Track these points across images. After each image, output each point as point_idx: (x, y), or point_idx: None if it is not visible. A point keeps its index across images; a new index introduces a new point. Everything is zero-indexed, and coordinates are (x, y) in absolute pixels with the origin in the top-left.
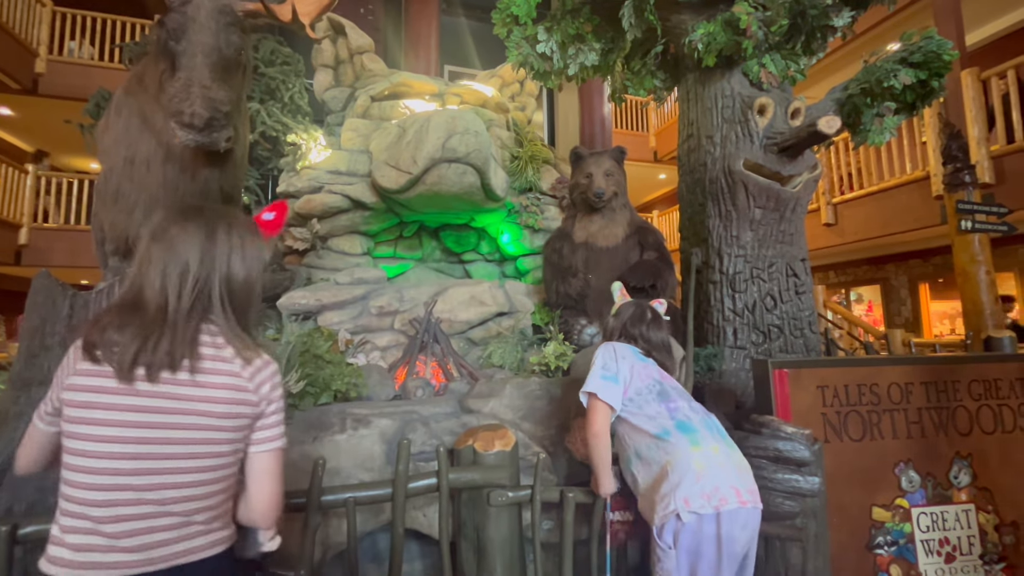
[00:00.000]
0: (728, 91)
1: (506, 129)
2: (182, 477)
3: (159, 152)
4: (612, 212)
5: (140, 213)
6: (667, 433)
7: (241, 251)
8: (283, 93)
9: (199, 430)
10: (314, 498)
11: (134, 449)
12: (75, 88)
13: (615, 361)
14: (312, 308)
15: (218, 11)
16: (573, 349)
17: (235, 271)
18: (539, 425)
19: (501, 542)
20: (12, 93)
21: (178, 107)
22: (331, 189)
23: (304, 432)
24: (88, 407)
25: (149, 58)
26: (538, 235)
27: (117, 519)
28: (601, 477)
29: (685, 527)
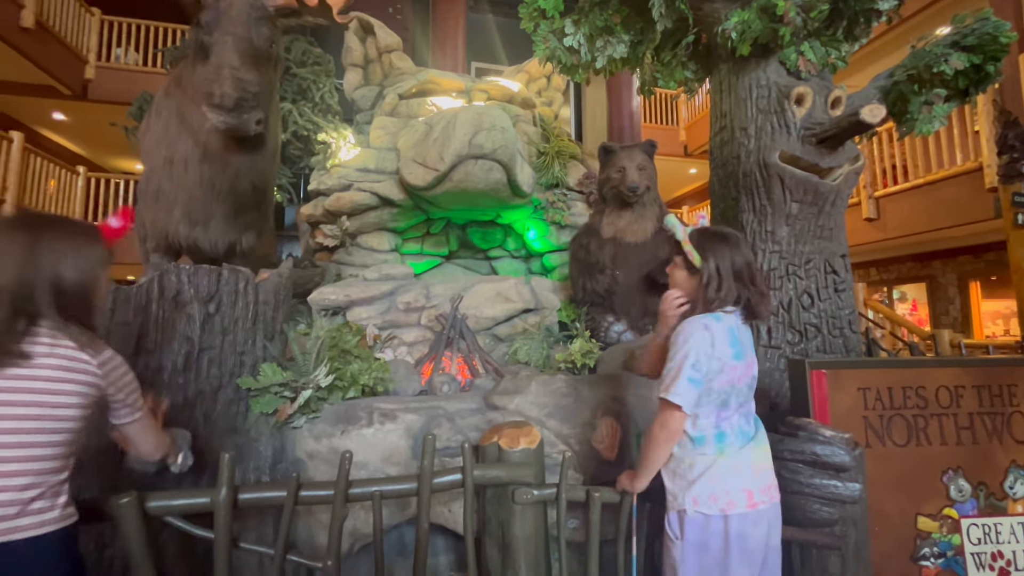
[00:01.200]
0: (763, 81)
1: (532, 125)
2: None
3: (196, 151)
4: (642, 207)
5: (179, 211)
6: (702, 440)
7: (73, 256)
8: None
9: (27, 419)
10: (341, 490)
11: None
12: (121, 93)
13: (709, 360)
14: (341, 304)
15: (249, 5)
16: (600, 346)
17: (65, 276)
18: (565, 423)
19: (526, 539)
20: (64, 99)
21: (208, 88)
22: (360, 187)
23: (332, 425)
24: None
25: (187, 61)
26: (564, 231)
27: None
28: (641, 476)
29: (691, 522)
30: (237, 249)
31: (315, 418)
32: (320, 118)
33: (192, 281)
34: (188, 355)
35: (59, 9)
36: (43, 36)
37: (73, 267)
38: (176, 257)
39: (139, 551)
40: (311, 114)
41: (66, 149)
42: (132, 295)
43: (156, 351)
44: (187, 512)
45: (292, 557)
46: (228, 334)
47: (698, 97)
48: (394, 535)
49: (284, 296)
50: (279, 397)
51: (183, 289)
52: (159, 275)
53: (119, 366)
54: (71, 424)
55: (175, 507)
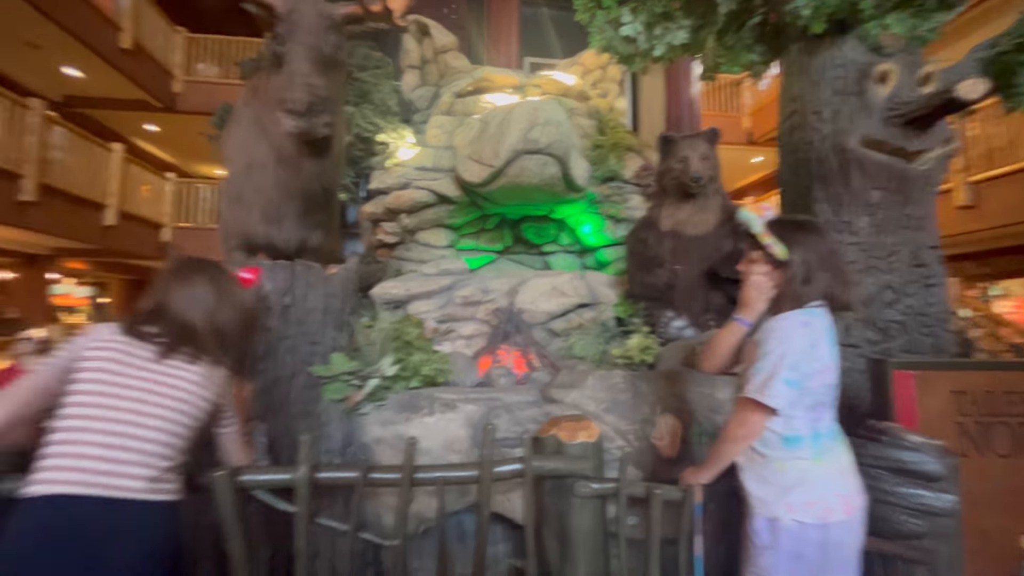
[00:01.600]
0: (840, 59)
1: (587, 117)
2: (160, 433)
3: (272, 156)
4: (704, 198)
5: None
6: (797, 441)
7: (229, 296)
8: (375, 95)
9: (172, 411)
10: (407, 474)
11: (136, 407)
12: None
13: (810, 361)
14: (402, 297)
15: (319, 15)
16: (659, 342)
17: (225, 307)
18: (623, 419)
19: (585, 533)
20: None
21: (282, 95)
22: (418, 185)
23: (397, 413)
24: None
25: (262, 71)
26: (620, 225)
27: None
28: (708, 470)
29: (786, 531)
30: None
31: (381, 406)
32: (380, 119)
33: (271, 276)
34: (267, 343)
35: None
36: (138, 56)
37: (229, 305)
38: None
39: (231, 519)
40: (372, 116)
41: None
42: None
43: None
44: (271, 487)
45: (363, 535)
46: (302, 325)
47: (764, 81)
48: (453, 521)
49: (351, 290)
50: (348, 385)
51: (263, 283)
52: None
53: (228, 384)
54: (196, 422)
55: (261, 482)
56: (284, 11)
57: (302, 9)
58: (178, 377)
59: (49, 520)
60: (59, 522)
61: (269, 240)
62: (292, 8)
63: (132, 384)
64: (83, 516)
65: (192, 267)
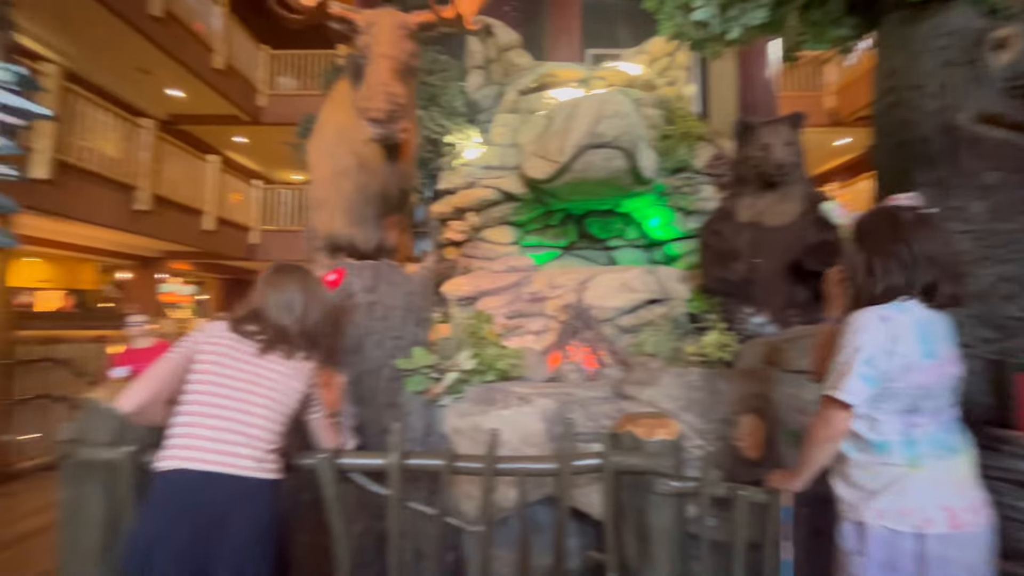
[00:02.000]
0: (947, 27)
1: (655, 107)
2: (266, 420)
3: (353, 162)
4: (786, 187)
5: (340, 214)
6: (885, 447)
7: (316, 299)
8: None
9: (284, 392)
10: (489, 465)
11: (244, 396)
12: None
13: (889, 357)
14: (472, 294)
15: (396, 25)
16: (737, 339)
17: (313, 309)
18: (700, 418)
19: (664, 531)
20: (243, 124)
21: (366, 105)
22: (484, 183)
23: (474, 405)
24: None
25: (343, 82)
26: (691, 217)
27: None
28: (799, 476)
29: (875, 537)
30: (385, 246)
31: (459, 398)
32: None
33: (358, 275)
34: (357, 338)
35: (239, 50)
36: (229, 74)
37: (316, 304)
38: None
39: (332, 497)
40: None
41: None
42: None
43: None
44: (366, 470)
45: (449, 519)
46: (386, 320)
47: (852, 56)
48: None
49: (430, 287)
50: (428, 378)
51: (352, 281)
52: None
53: (316, 376)
54: (291, 409)
55: (357, 466)
56: (365, 24)
57: (381, 21)
58: (276, 371)
59: (174, 491)
60: (182, 493)
61: (351, 241)
62: (372, 21)
63: (239, 376)
64: (201, 488)
65: (284, 273)
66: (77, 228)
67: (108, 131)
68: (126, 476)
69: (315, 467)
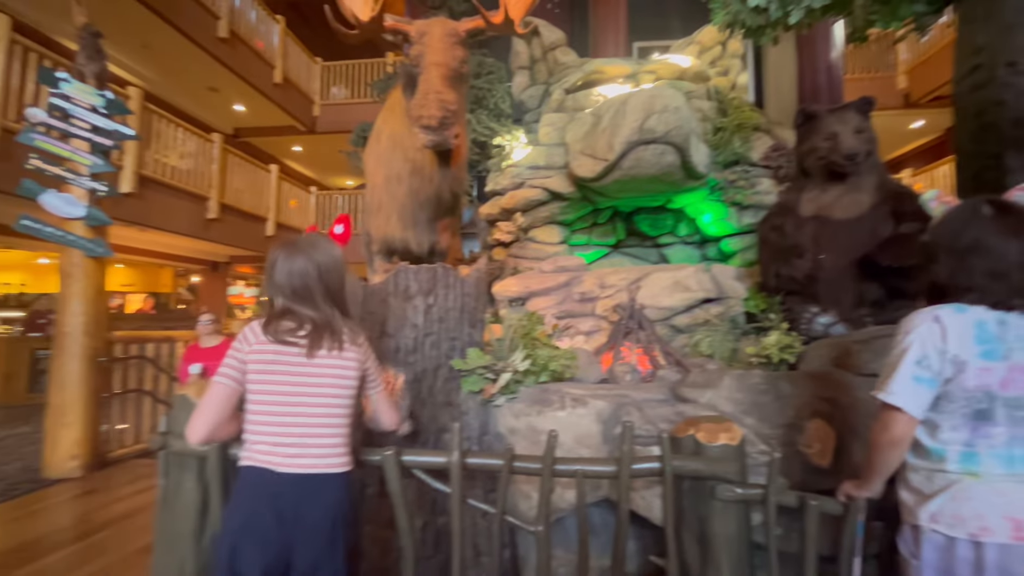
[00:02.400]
0: None
1: (707, 99)
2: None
3: (406, 167)
4: (856, 177)
5: (395, 218)
6: (940, 454)
7: (331, 262)
8: (489, 100)
9: (338, 388)
10: (548, 465)
11: (298, 400)
12: (338, 123)
13: (940, 355)
14: (522, 294)
15: (447, 34)
16: (801, 340)
17: (331, 277)
18: (764, 422)
19: (728, 539)
20: (299, 134)
21: (419, 112)
22: (531, 183)
23: (529, 406)
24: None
25: (396, 90)
26: (747, 212)
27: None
28: (866, 483)
29: (928, 541)
30: (437, 248)
31: (513, 398)
32: (495, 123)
33: (416, 278)
34: (415, 339)
35: (296, 64)
36: (287, 87)
37: (333, 272)
38: (392, 256)
39: (397, 491)
40: (487, 120)
41: (301, 173)
42: (377, 290)
43: (395, 335)
44: (428, 468)
45: (508, 518)
46: (443, 321)
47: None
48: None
49: (483, 289)
50: (483, 378)
51: (410, 284)
52: (394, 274)
53: (369, 347)
54: (352, 397)
55: (420, 463)
56: (416, 34)
57: (432, 31)
58: (326, 366)
59: (255, 485)
60: (261, 487)
61: (405, 244)
62: (423, 31)
63: (290, 382)
64: (275, 484)
65: (286, 257)
66: (156, 236)
67: (182, 146)
68: (214, 468)
69: (381, 463)
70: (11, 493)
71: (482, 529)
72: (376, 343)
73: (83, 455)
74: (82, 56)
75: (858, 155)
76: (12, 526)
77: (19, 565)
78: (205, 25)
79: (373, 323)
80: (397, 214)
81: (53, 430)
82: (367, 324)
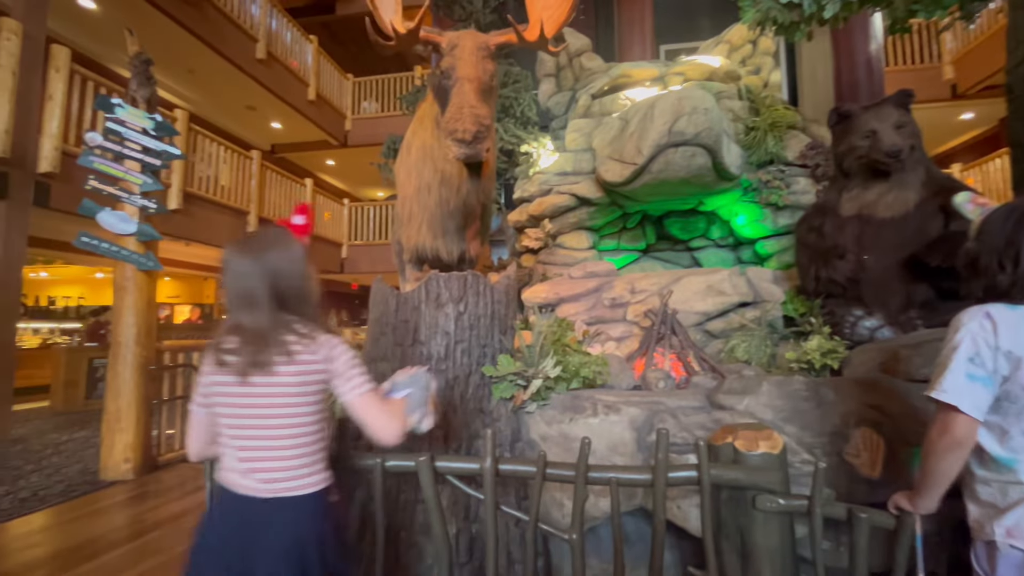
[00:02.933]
0: None
1: (738, 99)
2: (281, 439)
3: (436, 177)
4: (900, 174)
5: (426, 227)
6: (1011, 463)
7: (286, 262)
8: (516, 109)
9: (289, 406)
10: (582, 472)
11: (250, 422)
12: (368, 137)
13: (993, 351)
14: (551, 301)
15: (477, 47)
16: (845, 345)
17: (284, 277)
18: (806, 430)
19: (770, 551)
20: (332, 148)
21: (452, 127)
22: (559, 190)
23: (561, 413)
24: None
25: (427, 102)
26: (783, 213)
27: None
28: (922, 494)
29: (1004, 558)
30: (466, 256)
31: (545, 405)
32: (522, 131)
33: (447, 285)
34: (447, 346)
35: (329, 81)
36: (320, 104)
37: (288, 269)
38: (422, 265)
39: (431, 497)
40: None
41: (334, 186)
42: (409, 298)
43: (427, 342)
44: (461, 474)
45: (542, 526)
46: (473, 329)
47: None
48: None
49: (513, 295)
50: (514, 385)
51: (441, 292)
52: (425, 282)
53: (335, 346)
54: (314, 408)
55: (453, 468)
56: (448, 46)
57: (463, 43)
58: (270, 383)
59: (220, 508)
60: (225, 512)
61: (435, 252)
62: (455, 43)
63: (233, 406)
64: (239, 508)
65: (233, 258)
66: (200, 250)
67: (223, 164)
68: None
69: (415, 468)
70: (71, 494)
71: (515, 536)
72: (408, 350)
73: (135, 459)
74: (134, 82)
75: (901, 151)
76: (73, 525)
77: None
78: (244, 48)
79: (406, 331)
80: (427, 223)
81: (109, 435)
82: (400, 332)
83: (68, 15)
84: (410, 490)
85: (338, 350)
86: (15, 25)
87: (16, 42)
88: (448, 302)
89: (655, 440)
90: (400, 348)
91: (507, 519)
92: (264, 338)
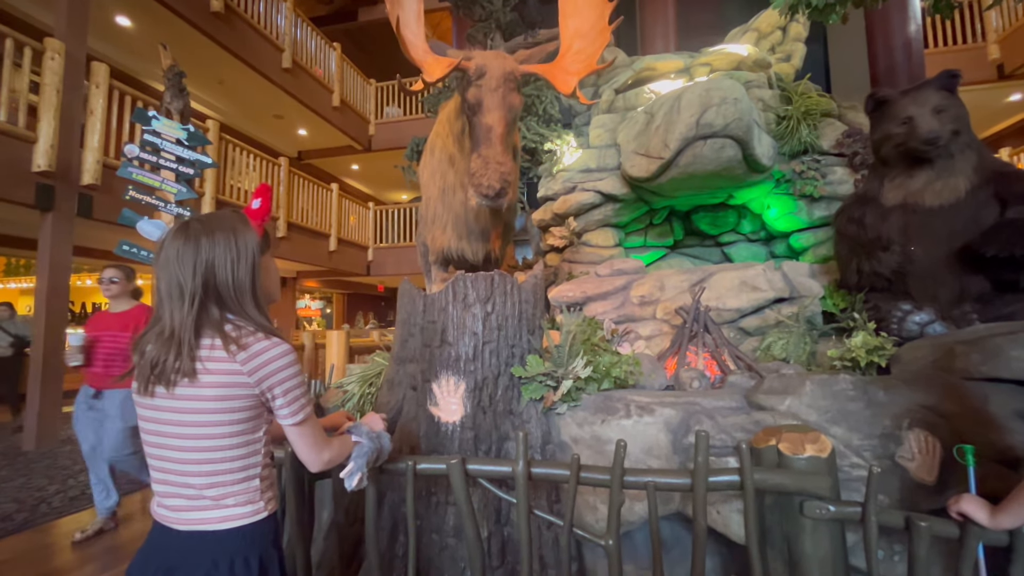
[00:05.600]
0: None
1: (768, 87)
2: (189, 464)
3: (458, 179)
4: (947, 159)
5: (450, 229)
6: None
7: (228, 250)
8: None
9: (197, 426)
10: (617, 476)
11: (158, 441)
12: (391, 141)
13: None
14: (578, 300)
15: (504, 78)
16: (893, 341)
17: (224, 269)
18: (854, 432)
19: (820, 561)
20: (357, 153)
21: (478, 181)
22: (583, 187)
23: (592, 414)
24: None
25: (451, 108)
26: (819, 204)
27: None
28: (1010, 511)
29: None
30: (491, 257)
31: (575, 406)
32: (544, 129)
33: (474, 286)
34: (475, 347)
35: (352, 87)
36: (344, 110)
37: (228, 259)
38: (447, 266)
39: (463, 500)
40: (537, 127)
41: (359, 190)
42: (436, 299)
43: (455, 343)
44: (492, 477)
45: (576, 530)
46: (501, 329)
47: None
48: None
49: (540, 295)
50: (544, 385)
51: (468, 293)
52: (452, 283)
53: (270, 361)
54: (239, 426)
55: (485, 472)
56: (475, 73)
57: (491, 71)
58: (183, 396)
59: (148, 541)
60: (152, 545)
61: (460, 253)
62: (483, 71)
63: (148, 422)
64: (160, 545)
65: (166, 247)
66: None
67: (253, 171)
68: (288, 477)
69: (446, 471)
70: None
71: (547, 540)
72: (436, 352)
73: None
74: (168, 95)
75: (939, 138)
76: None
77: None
78: (271, 58)
79: (433, 332)
80: (452, 225)
81: None
82: (428, 333)
83: (106, 33)
84: (440, 492)
85: (273, 365)
86: (58, 45)
87: (59, 61)
88: (475, 302)
89: (693, 442)
90: (428, 349)
91: (538, 522)
92: (176, 341)
